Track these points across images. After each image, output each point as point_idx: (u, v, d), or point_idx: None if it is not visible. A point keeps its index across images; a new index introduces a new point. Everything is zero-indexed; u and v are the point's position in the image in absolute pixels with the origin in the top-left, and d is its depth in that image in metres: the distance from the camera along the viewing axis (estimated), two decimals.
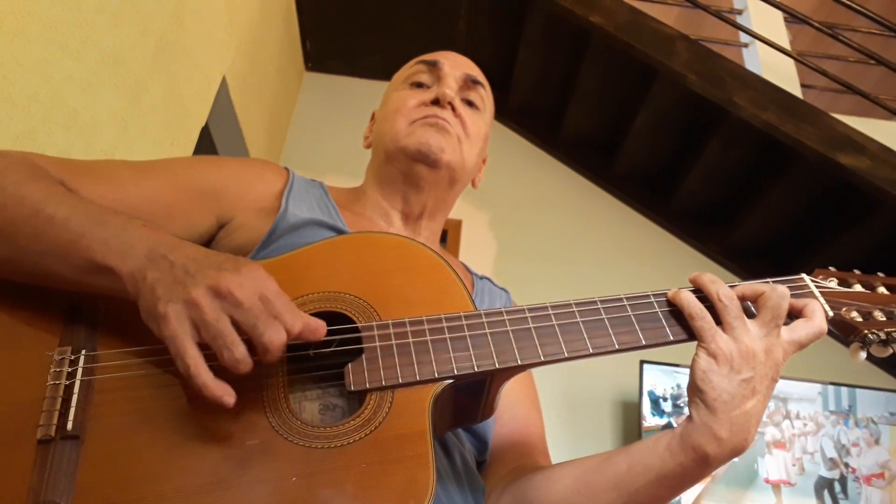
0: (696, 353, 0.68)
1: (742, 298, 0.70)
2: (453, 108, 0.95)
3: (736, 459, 2.26)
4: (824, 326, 0.69)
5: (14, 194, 0.63)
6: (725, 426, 0.64)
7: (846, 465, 2.20)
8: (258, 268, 0.59)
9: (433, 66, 1.00)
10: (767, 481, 2.15)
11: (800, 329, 0.69)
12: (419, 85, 1.00)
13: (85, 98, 1.19)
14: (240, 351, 0.55)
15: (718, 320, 0.68)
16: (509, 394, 0.89)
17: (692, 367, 0.68)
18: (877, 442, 2.23)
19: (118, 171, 0.78)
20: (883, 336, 0.72)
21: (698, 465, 0.65)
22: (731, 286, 0.71)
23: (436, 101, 0.95)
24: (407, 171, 0.94)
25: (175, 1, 1.51)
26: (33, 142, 1.05)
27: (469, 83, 1.00)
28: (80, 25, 1.15)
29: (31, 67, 1.03)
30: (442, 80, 0.98)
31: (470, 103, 0.99)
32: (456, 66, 1.00)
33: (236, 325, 0.56)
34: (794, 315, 0.71)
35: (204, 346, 0.56)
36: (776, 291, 0.68)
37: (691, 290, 0.72)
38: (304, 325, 0.58)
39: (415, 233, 0.97)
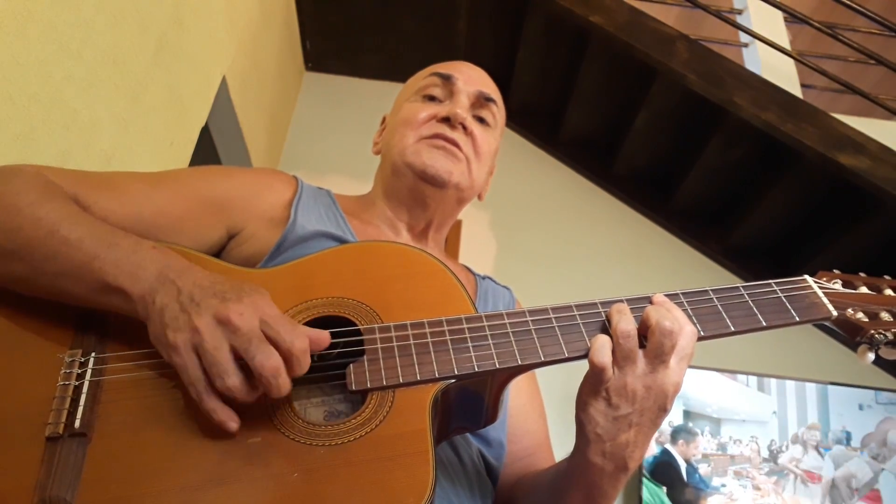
0: (583, 379, 0.68)
1: (643, 325, 0.67)
2: (464, 128, 0.94)
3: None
4: (673, 326, 0.66)
5: (30, 216, 0.65)
6: (598, 454, 0.67)
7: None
8: (262, 296, 0.61)
9: (447, 80, 0.98)
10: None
11: (677, 352, 0.66)
12: (431, 98, 0.98)
13: (85, 98, 1.19)
14: (231, 380, 0.57)
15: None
16: (520, 409, 0.90)
17: (578, 392, 0.68)
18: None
19: (130, 185, 0.79)
20: (890, 336, 0.71)
21: (590, 490, 0.69)
22: (639, 304, 0.70)
23: (446, 119, 0.94)
24: (413, 187, 0.94)
25: (175, 1, 1.52)
26: (33, 142, 1.05)
27: (482, 100, 0.98)
28: (80, 25, 1.15)
29: (31, 67, 1.03)
30: (455, 97, 0.96)
31: (481, 120, 0.98)
32: (470, 81, 0.99)
33: (236, 352, 0.57)
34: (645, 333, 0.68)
35: None
36: (659, 328, 0.65)
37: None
38: (308, 339, 0.59)
39: (422, 245, 0.97)
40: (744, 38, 2.88)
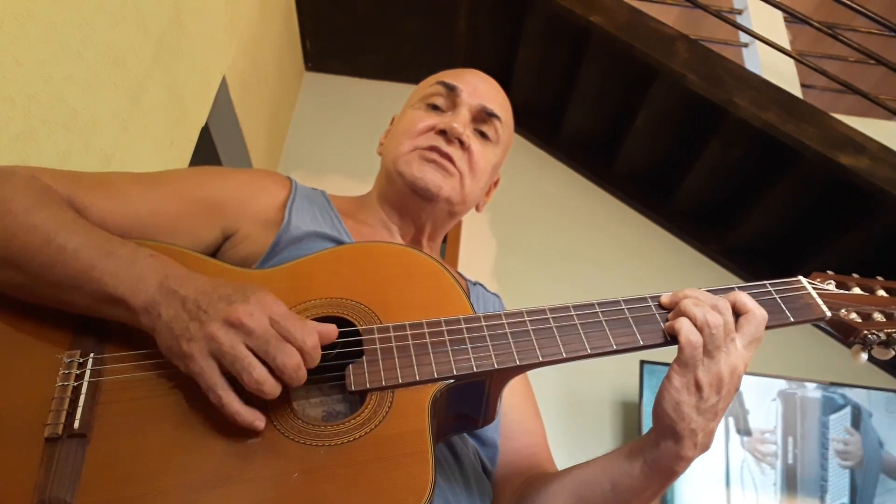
0: (668, 379, 0.68)
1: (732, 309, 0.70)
2: (461, 142, 0.93)
3: None
4: (761, 311, 0.69)
5: (25, 222, 0.64)
6: (690, 447, 0.68)
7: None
8: (266, 294, 0.61)
9: (451, 91, 0.96)
10: None
11: (747, 328, 0.69)
12: (434, 107, 0.97)
13: (85, 98, 1.19)
14: (258, 372, 0.57)
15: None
16: (515, 407, 0.91)
17: (663, 394, 0.68)
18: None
19: (125, 186, 0.79)
20: (883, 337, 0.72)
21: (669, 479, 0.71)
22: (724, 291, 0.71)
23: (444, 132, 0.92)
24: (403, 196, 0.94)
25: (175, 1, 1.52)
26: (33, 142, 1.05)
27: (484, 115, 0.96)
28: (80, 25, 1.15)
29: (31, 67, 1.04)
30: (456, 110, 0.95)
31: (482, 134, 0.96)
32: (475, 94, 0.97)
33: (253, 352, 0.58)
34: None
35: (229, 377, 0.58)
36: (756, 317, 0.69)
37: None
38: (318, 334, 0.60)
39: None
40: (744, 38, 2.88)
